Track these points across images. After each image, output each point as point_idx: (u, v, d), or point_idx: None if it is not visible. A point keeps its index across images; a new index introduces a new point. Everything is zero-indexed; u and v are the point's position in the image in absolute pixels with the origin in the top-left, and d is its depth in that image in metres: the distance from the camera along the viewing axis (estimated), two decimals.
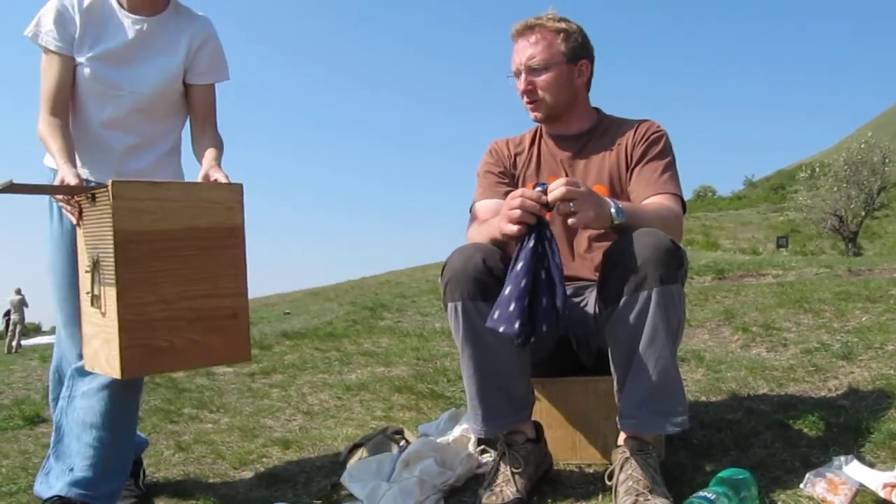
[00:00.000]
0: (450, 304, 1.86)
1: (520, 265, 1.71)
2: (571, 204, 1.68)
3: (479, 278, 1.81)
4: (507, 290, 1.71)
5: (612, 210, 1.76)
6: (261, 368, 4.37)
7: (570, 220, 1.70)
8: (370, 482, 1.99)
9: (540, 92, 2.05)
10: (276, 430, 2.95)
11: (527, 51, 2.05)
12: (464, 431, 2.29)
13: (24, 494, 2.28)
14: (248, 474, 2.37)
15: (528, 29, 2.06)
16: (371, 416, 3.02)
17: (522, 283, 1.69)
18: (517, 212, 1.72)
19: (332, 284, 17.63)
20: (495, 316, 1.71)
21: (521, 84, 2.07)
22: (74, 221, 1.77)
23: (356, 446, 2.34)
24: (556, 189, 1.69)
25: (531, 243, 1.71)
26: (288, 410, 3.29)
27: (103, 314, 1.65)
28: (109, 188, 1.60)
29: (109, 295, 1.62)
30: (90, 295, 1.69)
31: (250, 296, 1.83)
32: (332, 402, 3.38)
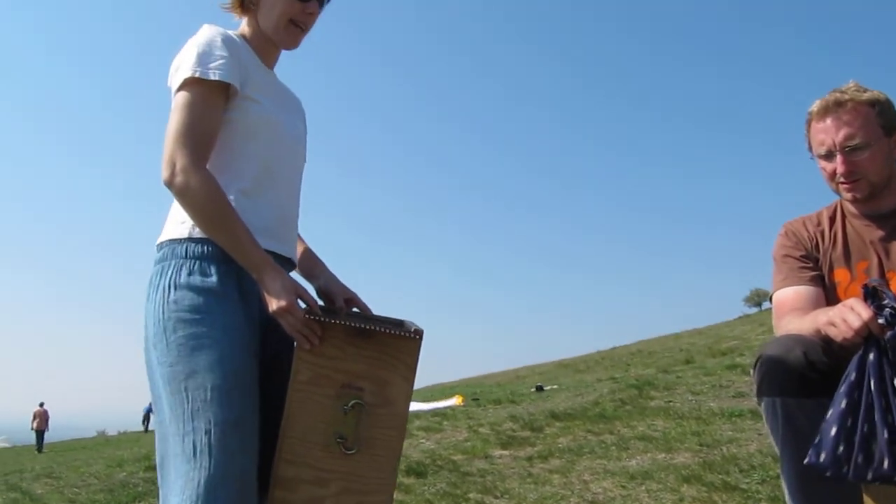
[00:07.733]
0: (766, 399, 1.78)
1: (842, 389, 1.61)
2: None
3: (801, 372, 1.71)
4: (827, 415, 1.61)
5: None
6: (537, 452, 4.43)
7: None
8: None
9: (862, 172, 1.94)
10: None
11: (841, 129, 1.94)
12: None
13: None
14: None
15: (838, 105, 1.95)
16: None
17: (839, 408, 1.60)
18: (845, 332, 1.62)
19: (581, 355, 17.54)
20: (815, 441, 1.61)
21: (839, 166, 1.95)
22: (310, 345, 1.49)
23: None
24: None
25: (853, 376, 1.60)
26: (572, 499, 3.29)
27: (354, 460, 1.53)
28: (416, 337, 1.56)
29: (382, 443, 1.55)
30: (334, 434, 1.51)
31: (497, 370, 1.75)
32: (617, 491, 3.32)
